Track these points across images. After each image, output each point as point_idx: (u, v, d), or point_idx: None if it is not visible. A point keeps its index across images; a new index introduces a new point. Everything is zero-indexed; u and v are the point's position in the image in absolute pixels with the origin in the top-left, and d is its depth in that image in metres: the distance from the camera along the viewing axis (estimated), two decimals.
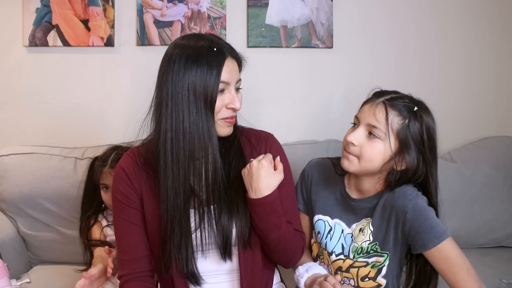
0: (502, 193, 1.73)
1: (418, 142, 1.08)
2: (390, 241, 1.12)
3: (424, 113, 1.09)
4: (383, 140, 1.07)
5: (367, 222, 1.15)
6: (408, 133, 1.07)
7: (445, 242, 1.06)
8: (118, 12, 1.80)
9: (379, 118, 1.07)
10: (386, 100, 1.09)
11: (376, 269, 1.14)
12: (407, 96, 1.13)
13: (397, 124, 1.07)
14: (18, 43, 1.79)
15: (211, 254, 1.10)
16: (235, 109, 1.07)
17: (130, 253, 1.10)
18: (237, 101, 1.06)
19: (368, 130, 1.09)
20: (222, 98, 1.05)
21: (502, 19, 1.90)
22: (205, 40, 1.05)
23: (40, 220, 1.65)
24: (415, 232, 1.08)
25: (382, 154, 1.08)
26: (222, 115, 1.06)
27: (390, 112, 1.07)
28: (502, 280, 1.39)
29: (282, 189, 1.12)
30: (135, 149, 1.14)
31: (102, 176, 1.48)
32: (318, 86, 1.88)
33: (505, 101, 1.93)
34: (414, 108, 1.08)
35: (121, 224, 1.11)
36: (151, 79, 1.72)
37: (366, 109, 1.11)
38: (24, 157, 1.64)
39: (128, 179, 1.09)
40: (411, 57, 1.88)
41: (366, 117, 1.09)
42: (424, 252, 1.09)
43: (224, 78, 1.03)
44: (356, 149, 1.09)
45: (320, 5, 1.83)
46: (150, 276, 1.12)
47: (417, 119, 1.07)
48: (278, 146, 1.19)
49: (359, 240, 1.14)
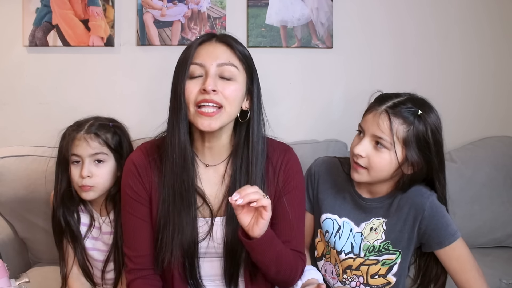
0: (502, 193, 1.73)
1: (424, 146, 1.06)
2: (403, 240, 1.12)
3: (428, 114, 1.07)
4: (390, 149, 1.05)
5: (378, 221, 1.14)
6: (414, 138, 1.05)
7: (459, 240, 1.08)
8: (118, 12, 1.80)
9: (383, 129, 1.05)
10: (388, 108, 1.06)
11: (387, 266, 1.14)
12: (409, 99, 1.09)
13: (403, 132, 1.05)
14: (18, 43, 1.79)
15: (214, 259, 1.10)
16: (205, 90, 0.97)
17: (138, 250, 1.09)
18: (209, 82, 0.97)
19: (374, 140, 1.07)
20: (195, 82, 0.99)
21: (502, 19, 1.90)
22: (206, 36, 1.05)
23: (37, 224, 1.63)
24: (431, 230, 1.08)
25: (390, 163, 1.06)
26: (193, 99, 0.99)
27: (394, 121, 1.05)
28: (502, 280, 1.39)
29: (293, 208, 1.09)
30: (148, 143, 1.14)
31: (74, 144, 1.22)
32: (318, 86, 1.88)
33: (505, 101, 1.93)
34: (418, 112, 1.05)
35: (130, 220, 1.10)
36: (151, 79, 1.72)
37: (370, 119, 1.09)
38: (19, 160, 1.60)
39: (138, 175, 1.08)
40: (411, 57, 1.88)
41: (371, 128, 1.08)
42: (438, 250, 1.09)
43: (197, 59, 0.99)
44: (365, 160, 1.08)
45: (320, 5, 1.83)
46: (156, 274, 1.11)
47: (421, 122, 1.05)
48: (296, 162, 1.13)
49: (370, 238, 1.14)
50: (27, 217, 1.63)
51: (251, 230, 0.95)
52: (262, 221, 0.94)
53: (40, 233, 1.64)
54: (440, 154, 1.09)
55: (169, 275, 1.08)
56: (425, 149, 1.06)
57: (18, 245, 1.65)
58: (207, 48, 1.01)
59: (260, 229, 0.95)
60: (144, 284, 1.08)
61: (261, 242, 0.97)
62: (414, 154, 1.05)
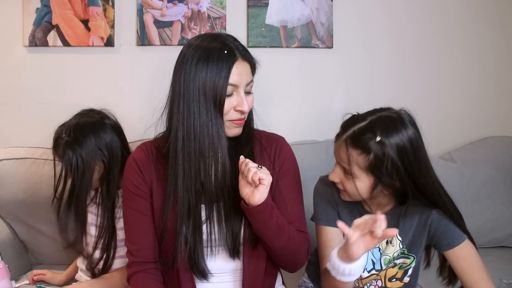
0: (502, 193, 1.73)
1: (391, 170, 1.01)
2: (416, 244, 1.12)
3: (390, 137, 1.00)
4: (356, 177, 1.03)
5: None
6: (377, 164, 1.00)
7: (467, 241, 1.08)
8: (118, 12, 1.80)
9: (344, 160, 1.04)
10: (348, 137, 1.03)
11: (403, 270, 1.14)
12: (370, 124, 1.02)
13: (363, 161, 1.01)
14: (18, 43, 1.79)
15: (218, 252, 1.11)
16: (243, 112, 1.07)
17: (139, 243, 1.11)
18: (245, 104, 1.06)
19: (342, 168, 1.06)
20: (231, 101, 1.05)
21: (501, 19, 1.90)
22: (218, 42, 1.05)
23: (37, 227, 1.63)
24: (441, 232, 1.09)
25: (362, 188, 1.04)
26: (230, 117, 1.07)
27: (352, 152, 1.02)
28: (502, 280, 1.39)
29: (290, 190, 1.13)
30: (148, 142, 1.16)
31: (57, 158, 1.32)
32: (318, 86, 1.88)
33: (505, 101, 1.93)
34: (377, 139, 0.99)
35: (130, 214, 1.12)
36: (151, 79, 1.72)
37: (336, 148, 1.08)
38: (18, 163, 1.59)
39: (139, 170, 1.11)
40: (411, 57, 1.89)
41: (336, 156, 1.08)
42: (447, 251, 1.09)
43: (233, 80, 1.04)
44: (340, 185, 1.09)
45: (320, 5, 1.82)
46: (157, 269, 1.12)
47: (381, 148, 0.99)
48: (288, 149, 1.19)
49: (389, 252, 1.14)
50: (27, 220, 1.63)
51: (252, 196, 1.00)
52: (262, 186, 1.00)
53: (40, 236, 1.64)
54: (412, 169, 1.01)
55: (173, 266, 1.08)
56: (394, 170, 1.01)
57: (18, 246, 1.65)
58: (238, 68, 1.05)
59: (261, 194, 1.00)
60: (145, 278, 1.10)
61: (261, 208, 1.01)
62: (384, 177, 1.01)
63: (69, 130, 1.28)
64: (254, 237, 1.08)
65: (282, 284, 1.25)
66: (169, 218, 1.07)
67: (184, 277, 1.09)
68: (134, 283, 1.10)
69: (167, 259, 1.08)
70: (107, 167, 1.30)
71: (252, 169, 1.00)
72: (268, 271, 1.14)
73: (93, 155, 1.27)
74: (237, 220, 1.08)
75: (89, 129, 1.29)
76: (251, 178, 0.99)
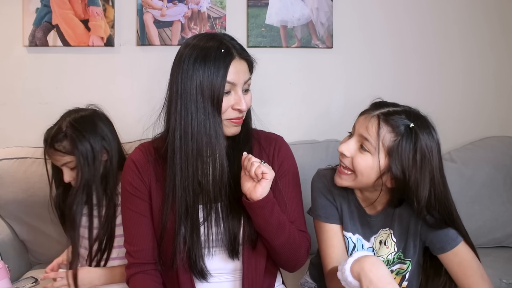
0: (502, 193, 1.73)
1: (407, 163, 1.01)
2: (411, 248, 1.11)
3: (422, 131, 1.02)
4: (373, 154, 1.03)
5: (386, 233, 1.13)
6: (400, 151, 1.01)
7: (460, 245, 1.06)
8: (118, 12, 1.80)
9: (371, 132, 1.03)
10: (381, 113, 1.04)
11: (401, 276, 1.13)
12: (405, 111, 1.05)
13: (389, 140, 1.02)
14: (18, 43, 1.79)
15: (217, 253, 1.11)
16: (241, 110, 1.07)
17: (138, 244, 1.11)
18: (243, 102, 1.06)
19: (360, 142, 1.06)
20: (228, 99, 1.05)
21: (501, 19, 1.90)
22: (215, 41, 1.05)
23: (37, 227, 1.63)
24: (432, 236, 1.07)
25: (372, 168, 1.04)
26: (228, 116, 1.07)
27: (383, 127, 1.02)
28: (502, 280, 1.39)
29: (290, 189, 1.13)
30: (147, 143, 1.16)
31: (49, 156, 1.32)
32: (318, 86, 1.88)
33: (505, 101, 1.93)
34: (410, 124, 1.01)
35: (129, 215, 1.12)
36: (151, 79, 1.72)
37: (361, 120, 1.07)
38: (18, 162, 1.60)
39: (138, 171, 1.11)
40: (411, 57, 1.89)
41: (360, 129, 1.06)
42: (441, 255, 1.08)
43: (230, 79, 1.04)
44: (348, 160, 1.07)
45: (320, 5, 1.82)
46: (156, 270, 1.12)
47: (411, 137, 1.01)
48: (287, 148, 1.19)
49: (383, 253, 1.13)
50: (27, 220, 1.63)
51: (254, 191, 1.01)
52: (265, 181, 1.00)
53: (40, 236, 1.64)
54: (424, 170, 1.02)
55: (172, 267, 1.08)
56: (407, 164, 1.01)
57: (18, 246, 1.65)
58: (235, 66, 1.05)
59: (263, 188, 1.01)
60: (145, 279, 1.10)
61: (263, 203, 1.01)
62: (396, 167, 1.02)
63: (69, 124, 1.29)
64: (254, 237, 1.08)
65: (282, 283, 1.25)
66: (168, 218, 1.07)
67: (184, 277, 1.09)
68: (133, 284, 1.10)
69: (166, 259, 1.08)
70: (110, 157, 1.30)
71: (255, 163, 1.00)
72: (268, 271, 1.14)
73: (99, 144, 1.28)
74: (236, 220, 1.08)
75: (89, 120, 1.31)
76: (254, 172, 0.99)
